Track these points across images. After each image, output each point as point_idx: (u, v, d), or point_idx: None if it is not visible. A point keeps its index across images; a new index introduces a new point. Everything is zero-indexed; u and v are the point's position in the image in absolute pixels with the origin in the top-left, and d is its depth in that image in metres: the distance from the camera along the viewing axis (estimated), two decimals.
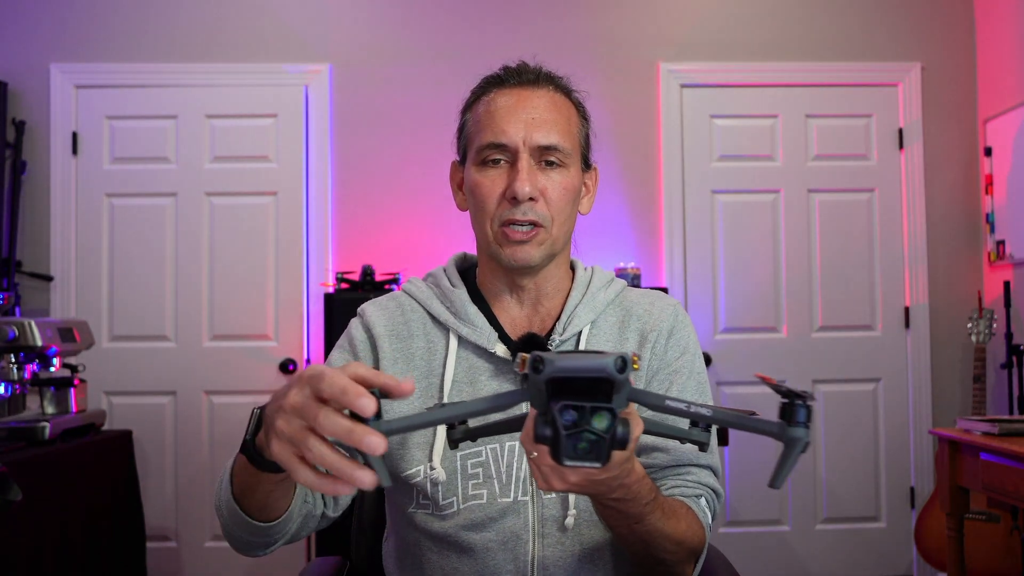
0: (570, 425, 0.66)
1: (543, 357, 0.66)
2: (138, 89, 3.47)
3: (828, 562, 3.50)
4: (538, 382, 0.67)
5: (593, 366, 0.65)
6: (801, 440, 0.68)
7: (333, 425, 0.67)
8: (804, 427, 0.68)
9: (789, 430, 0.68)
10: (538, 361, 0.66)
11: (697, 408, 0.71)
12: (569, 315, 1.16)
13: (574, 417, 0.66)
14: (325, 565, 1.38)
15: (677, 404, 0.72)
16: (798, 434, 0.68)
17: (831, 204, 3.58)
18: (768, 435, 0.69)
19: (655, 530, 0.96)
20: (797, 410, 0.68)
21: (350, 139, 3.50)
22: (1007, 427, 2.27)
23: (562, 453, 0.66)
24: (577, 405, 0.66)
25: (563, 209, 1.12)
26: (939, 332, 3.55)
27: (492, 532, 1.08)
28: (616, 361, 0.65)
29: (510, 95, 1.13)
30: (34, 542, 2.19)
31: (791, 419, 0.68)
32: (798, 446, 0.68)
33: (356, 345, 1.18)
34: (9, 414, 2.51)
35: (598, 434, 0.66)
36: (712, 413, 0.71)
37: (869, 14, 3.60)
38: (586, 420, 0.66)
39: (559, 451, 0.66)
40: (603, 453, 0.66)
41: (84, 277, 3.43)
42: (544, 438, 0.67)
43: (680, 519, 1.01)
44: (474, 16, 3.53)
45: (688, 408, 0.71)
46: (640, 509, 0.92)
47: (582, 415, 0.66)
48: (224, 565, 3.37)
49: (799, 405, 0.68)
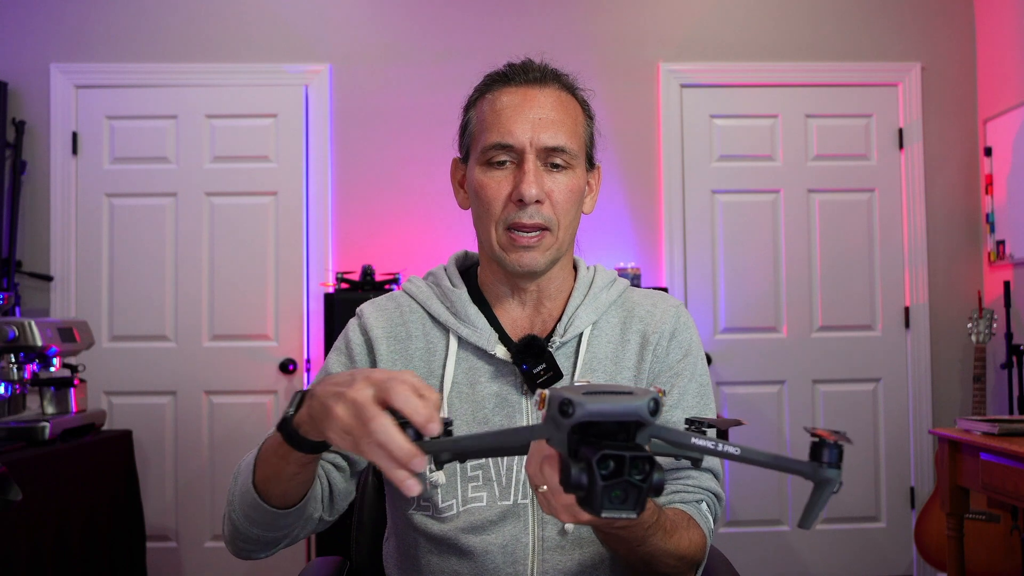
0: (608, 475, 0.62)
1: (572, 400, 0.62)
2: (138, 89, 3.47)
3: (828, 562, 3.50)
4: (564, 425, 0.64)
5: (627, 410, 0.63)
6: (833, 481, 0.67)
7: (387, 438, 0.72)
8: (836, 468, 0.67)
9: (820, 471, 0.67)
10: (567, 404, 0.63)
11: (726, 447, 0.68)
12: (570, 317, 1.15)
13: (612, 467, 0.63)
14: (325, 565, 1.38)
15: (705, 443, 0.69)
16: (830, 475, 0.66)
17: (831, 204, 3.58)
18: (799, 475, 0.67)
19: (657, 550, 0.95)
20: (828, 450, 0.66)
21: (350, 139, 3.49)
22: (1007, 427, 2.27)
23: (598, 504, 0.63)
24: (617, 455, 0.63)
25: (568, 211, 1.11)
26: (939, 332, 3.55)
27: (492, 535, 1.08)
28: (649, 403, 0.63)
29: (516, 94, 1.10)
30: (34, 542, 2.18)
31: (822, 459, 0.67)
32: (830, 487, 0.67)
33: (353, 349, 1.17)
34: (9, 414, 2.51)
35: (636, 484, 0.63)
36: (741, 452, 0.68)
37: (869, 14, 3.60)
38: (625, 470, 0.63)
39: (595, 502, 0.63)
40: (640, 502, 0.63)
41: (84, 277, 3.43)
42: (579, 487, 0.63)
43: (681, 534, 1.00)
44: (474, 16, 3.53)
45: (717, 447, 0.68)
46: (643, 533, 0.91)
47: (620, 464, 0.63)
48: (224, 565, 3.37)
49: (830, 445, 0.66)
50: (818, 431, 0.67)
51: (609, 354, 1.15)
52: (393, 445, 0.72)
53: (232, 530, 1.03)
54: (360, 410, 0.74)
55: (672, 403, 1.13)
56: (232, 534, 1.03)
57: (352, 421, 0.75)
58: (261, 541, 1.02)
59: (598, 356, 1.14)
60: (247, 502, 0.98)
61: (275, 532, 1.01)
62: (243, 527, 1.00)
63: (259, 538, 1.01)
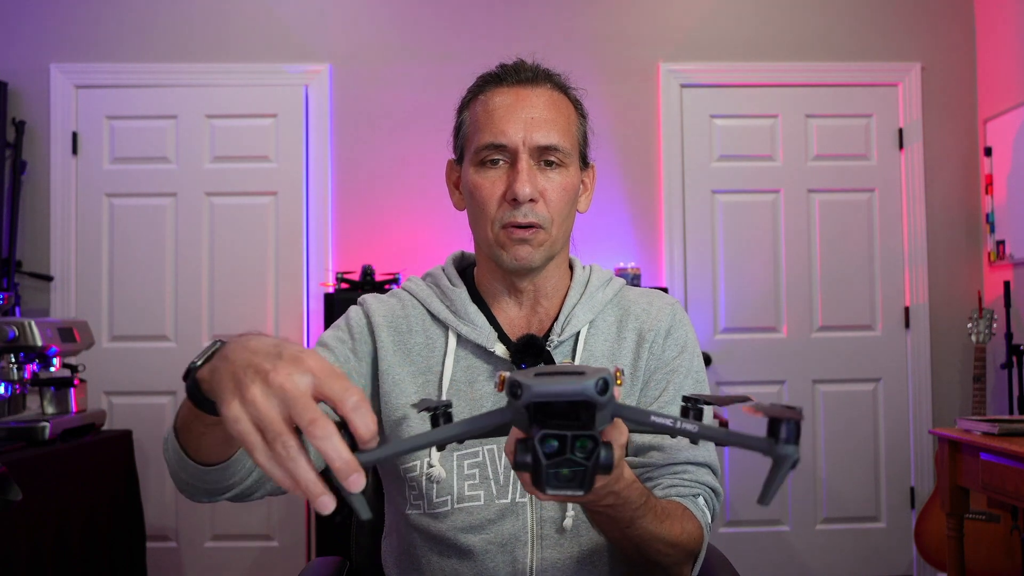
0: (552, 454, 0.64)
1: (520, 382, 0.63)
2: (138, 89, 3.47)
3: (828, 562, 3.50)
4: (518, 407, 0.64)
5: (573, 390, 0.63)
6: (790, 457, 0.66)
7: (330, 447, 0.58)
8: (793, 444, 0.67)
9: (778, 447, 0.66)
10: (515, 386, 0.63)
11: (683, 424, 0.69)
12: (567, 315, 1.16)
13: (555, 447, 0.64)
14: (325, 565, 1.38)
15: (663, 421, 0.69)
16: (787, 451, 0.66)
17: (831, 204, 3.58)
18: (757, 451, 0.67)
19: (648, 533, 0.95)
20: (785, 426, 0.67)
21: (350, 139, 3.50)
22: (1007, 427, 2.27)
23: (544, 482, 0.64)
24: (558, 434, 0.64)
25: (562, 210, 1.11)
26: (939, 332, 3.55)
27: (490, 534, 1.08)
28: (597, 383, 0.63)
29: (508, 94, 1.11)
30: (34, 542, 2.18)
31: (779, 436, 0.67)
32: (787, 463, 0.66)
33: (354, 329, 1.17)
34: (9, 414, 2.51)
35: (580, 462, 0.64)
36: (698, 429, 0.69)
37: (869, 14, 3.60)
38: (568, 448, 0.64)
39: (540, 480, 0.64)
40: (586, 480, 0.65)
41: (84, 277, 3.43)
42: (524, 466, 0.64)
43: (675, 521, 1.00)
44: (474, 16, 3.53)
45: (674, 424, 0.69)
46: (631, 513, 0.91)
47: (563, 443, 0.64)
48: (224, 565, 3.38)
49: (786, 421, 0.67)
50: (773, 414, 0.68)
51: (606, 352, 1.16)
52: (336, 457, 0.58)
53: (170, 470, 0.96)
54: (292, 403, 0.60)
55: (668, 399, 1.14)
56: (170, 472, 0.97)
57: (271, 414, 0.60)
58: (196, 489, 0.95)
59: (595, 354, 1.15)
60: (170, 446, 0.92)
61: (204, 484, 0.94)
62: (173, 470, 0.95)
63: (192, 485, 0.95)
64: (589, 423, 0.65)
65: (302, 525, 3.39)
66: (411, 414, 1.11)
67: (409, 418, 1.11)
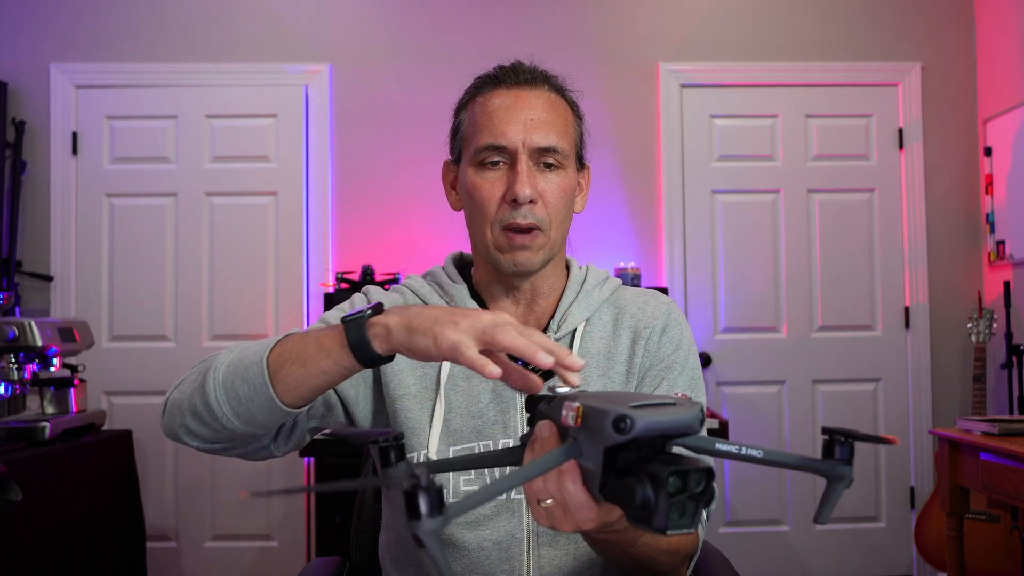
0: (675, 492, 0.61)
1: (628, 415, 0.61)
2: (138, 89, 3.47)
3: (828, 562, 3.50)
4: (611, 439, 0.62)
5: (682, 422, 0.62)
6: (846, 477, 0.69)
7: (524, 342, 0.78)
8: (848, 464, 0.70)
9: (835, 467, 0.70)
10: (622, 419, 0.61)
11: (749, 451, 0.69)
12: (563, 314, 1.16)
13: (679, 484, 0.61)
14: (325, 565, 1.38)
15: (728, 448, 0.69)
16: (843, 471, 0.70)
17: (831, 204, 3.58)
18: (814, 472, 0.70)
19: (648, 549, 0.95)
20: (840, 447, 0.70)
21: (350, 139, 3.50)
22: (1007, 427, 2.27)
23: (663, 523, 0.61)
24: (683, 470, 0.61)
25: (560, 211, 1.12)
26: (939, 332, 3.55)
27: (487, 531, 1.08)
28: (699, 414, 0.64)
29: (507, 95, 1.12)
30: (34, 542, 2.19)
31: (835, 456, 0.70)
32: (843, 483, 0.69)
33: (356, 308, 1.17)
34: (9, 414, 2.51)
35: (695, 497, 0.62)
36: (764, 455, 0.70)
37: (869, 14, 3.60)
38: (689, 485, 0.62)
39: (660, 520, 0.61)
40: (697, 515, 0.63)
41: (84, 277, 3.43)
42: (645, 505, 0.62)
43: None
44: (474, 16, 3.53)
45: (740, 451, 0.69)
46: (633, 535, 0.91)
47: (685, 480, 0.62)
48: (224, 565, 3.38)
49: (841, 441, 0.70)
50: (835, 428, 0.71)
51: (602, 349, 1.16)
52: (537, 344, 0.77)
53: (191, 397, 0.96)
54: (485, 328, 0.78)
55: None
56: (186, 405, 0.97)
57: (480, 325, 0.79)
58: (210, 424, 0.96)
59: (591, 352, 1.16)
60: (245, 376, 0.92)
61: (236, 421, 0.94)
62: (215, 397, 0.94)
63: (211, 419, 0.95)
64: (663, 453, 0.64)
65: (302, 525, 3.39)
66: (407, 402, 1.12)
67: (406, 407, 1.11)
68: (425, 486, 0.58)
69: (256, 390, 0.92)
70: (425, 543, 0.59)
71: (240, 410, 0.94)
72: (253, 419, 0.95)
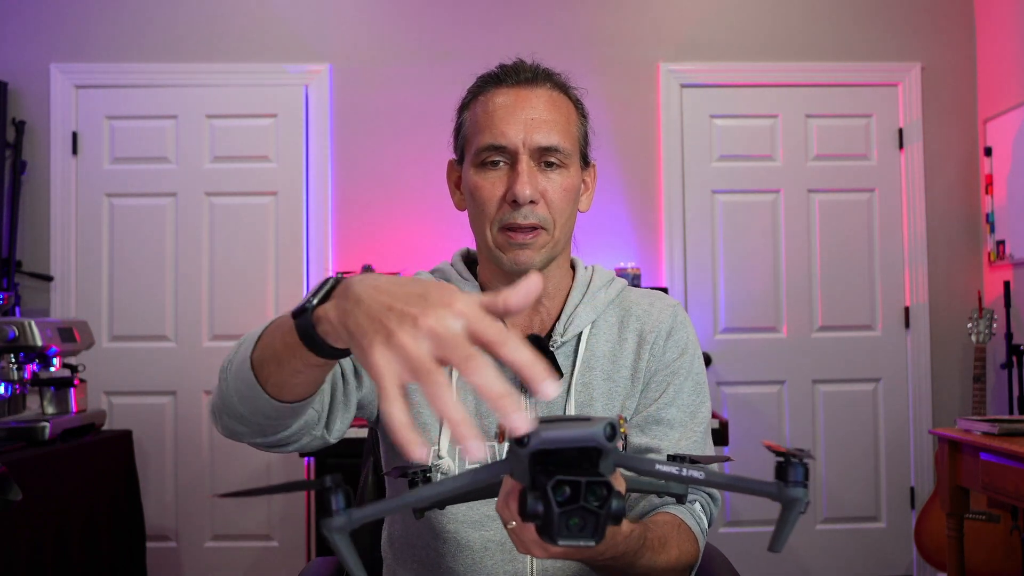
0: (564, 502, 0.61)
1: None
2: (138, 89, 3.47)
3: (828, 562, 3.50)
4: (522, 455, 0.62)
5: (582, 436, 0.61)
6: (800, 500, 0.65)
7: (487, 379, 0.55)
8: (802, 487, 0.65)
9: (787, 490, 0.65)
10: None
11: (690, 472, 0.67)
12: (569, 316, 1.16)
13: (568, 494, 0.61)
14: (325, 565, 1.38)
15: (668, 469, 0.67)
16: (796, 494, 0.65)
17: (831, 204, 3.58)
18: (765, 496, 0.66)
19: (649, 568, 0.95)
20: (794, 469, 0.65)
21: (350, 139, 3.49)
22: (1007, 427, 2.27)
23: (555, 532, 0.61)
24: (572, 480, 0.61)
25: (564, 210, 1.11)
26: (939, 332, 3.55)
27: (491, 531, 1.08)
28: (605, 429, 0.61)
29: (508, 94, 1.11)
30: (34, 542, 2.18)
31: (788, 478, 0.65)
32: (797, 507, 0.65)
33: None
34: (9, 414, 2.51)
35: (593, 510, 0.61)
36: (705, 476, 0.67)
37: (869, 14, 3.60)
38: (581, 496, 0.61)
39: (552, 530, 0.61)
40: (599, 529, 0.62)
41: (84, 277, 3.43)
42: (535, 515, 0.61)
43: (671, 547, 0.99)
44: (474, 16, 3.53)
45: (680, 472, 0.67)
46: (631, 560, 0.91)
47: (576, 490, 0.61)
48: (224, 565, 3.38)
49: (795, 463, 0.65)
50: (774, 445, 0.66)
51: (607, 352, 1.15)
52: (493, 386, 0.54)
53: (221, 401, 0.93)
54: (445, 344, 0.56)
55: (667, 401, 1.14)
56: (220, 405, 0.93)
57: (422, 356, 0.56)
58: (249, 423, 0.92)
59: (596, 355, 1.15)
60: (241, 376, 0.87)
61: (263, 420, 0.90)
62: (233, 399, 0.90)
63: (246, 418, 0.91)
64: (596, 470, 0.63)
65: (302, 525, 3.39)
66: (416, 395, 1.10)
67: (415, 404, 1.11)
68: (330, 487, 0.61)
69: (254, 390, 0.86)
70: (332, 540, 0.62)
71: (255, 408, 0.88)
72: (269, 415, 0.89)
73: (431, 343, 0.57)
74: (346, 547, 0.62)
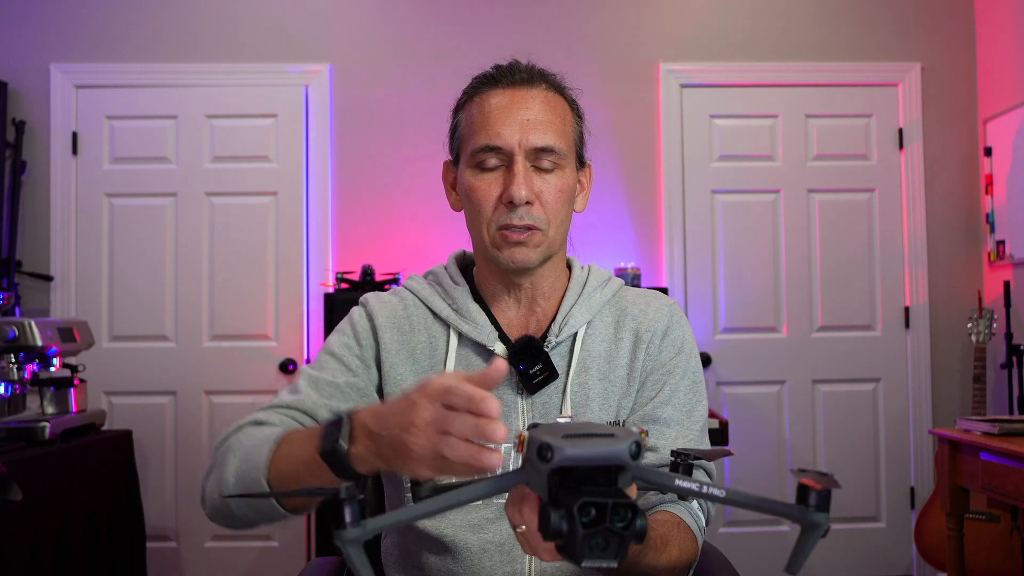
0: (589, 523, 0.61)
1: (550, 444, 0.61)
2: (138, 89, 3.47)
3: (828, 562, 3.50)
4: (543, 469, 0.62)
5: (607, 454, 0.61)
6: (821, 525, 0.65)
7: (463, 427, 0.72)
8: (823, 511, 0.65)
9: (808, 514, 0.65)
10: (545, 448, 0.61)
11: (711, 489, 0.66)
12: (565, 316, 1.16)
13: (593, 515, 0.61)
14: (325, 565, 1.38)
15: (688, 485, 0.67)
16: (818, 519, 0.65)
17: (831, 204, 3.58)
18: (787, 518, 0.66)
19: (649, 568, 0.95)
20: (816, 494, 0.65)
21: (350, 139, 3.50)
22: (1007, 427, 2.27)
23: (580, 553, 0.61)
24: (599, 503, 0.61)
25: (559, 211, 1.11)
26: (939, 332, 3.55)
27: (489, 534, 1.08)
28: (631, 447, 0.62)
29: (503, 95, 1.11)
30: (34, 542, 2.18)
31: (809, 502, 0.65)
32: (818, 531, 0.65)
33: (358, 331, 1.17)
34: (9, 414, 2.51)
35: (618, 532, 0.61)
36: (725, 495, 0.67)
37: (869, 14, 3.60)
38: (607, 518, 0.61)
39: (576, 551, 0.61)
40: (621, 550, 0.62)
41: (84, 277, 3.43)
42: (558, 534, 0.61)
43: (672, 546, 1.00)
44: (474, 16, 3.53)
45: (700, 489, 0.67)
46: (634, 559, 0.91)
47: (602, 513, 0.61)
48: (224, 565, 3.38)
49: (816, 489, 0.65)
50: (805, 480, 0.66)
51: (603, 352, 1.16)
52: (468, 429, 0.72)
53: (220, 507, 1.01)
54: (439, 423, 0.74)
55: (664, 400, 1.14)
56: (220, 510, 1.02)
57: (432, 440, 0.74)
58: (251, 524, 1.02)
59: (592, 355, 1.15)
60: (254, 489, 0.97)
61: (267, 521, 1.01)
62: (238, 511, 0.99)
63: (249, 520, 1.01)
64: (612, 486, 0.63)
65: (302, 525, 3.39)
66: None
67: None
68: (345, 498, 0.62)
69: (270, 508, 0.98)
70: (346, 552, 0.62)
71: (266, 517, 1.00)
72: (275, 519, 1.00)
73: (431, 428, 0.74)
74: (359, 559, 0.63)
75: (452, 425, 0.72)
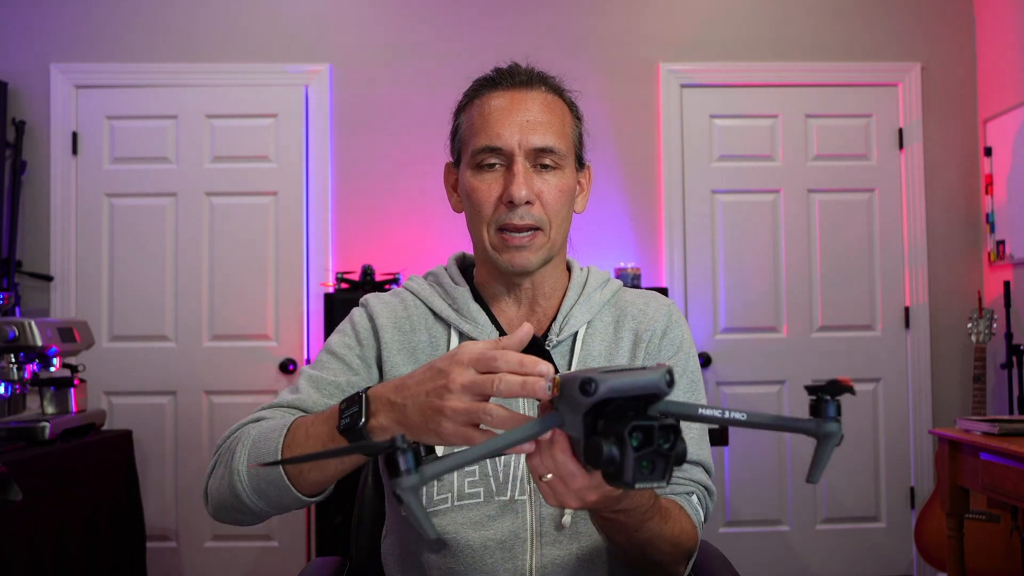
0: (638, 447, 0.65)
1: (593, 379, 0.64)
2: (138, 89, 3.47)
3: (828, 562, 3.50)
4: (582, 404, 0.65)
5: (647, 383, 0.65)
6: (835, 434, 0.70)
7: (510, 385, 0.74)
8: (836, 421, 0.70)
9: (823, 425, 0.70)
10: (588, 382, 0.64)
11: (732, 414, 0.71)
12: (565, 316, 1.17)
13: (643, 439, 0.65)
14: (325, 565, 1.38)
15: (712, 412, 0.71)
16: (831, 429, 0.70)
17: (831, 204, 3.58)
18: (803, 432, 0.71)
19: (654, 535, 0.96)
20: (828, 405, 0.70)
21: (350, 139, 3.50)
22: (1007, 427, 2.27)
23: (632, 477, 0.65)
24: (647, 425, 0.65)
25: (559, 211, 1.13)
26: (939, 332, 3.55)
27: (490, 531, 1.09)
28: (665, 376, 0.65)
29: (503, 97, 1.12)
30: (34, 542, 2.19)
31: (823, 414, 0.70)
32: (832, 440, 0.70)
33: (360, 334, 1.18)
34: (9, 414, 2.51)
35: (664, 453, 0.66)
36: (747, 417, 0.71)
37: (869, 14, 3.60)
38: (654, 440, 0.65)
39: (627, 475, 0.65)
40: (668, 471, 0.66)
41: (84, 277, 3.43)
42: (611, 461, 0.65)
43: (675, 520, 1.01)
44: (474, 16, 3.53)
45: (723, 415, 0.71)
46: (641, 517, 0.92)
47: (649, 435, 0.65)
48: (224, 565, 3.38)
49: (828, 401, 0.70)
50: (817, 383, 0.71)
51: (603, 352, 1.17)
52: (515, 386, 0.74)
53: (228, 498, 1.01)
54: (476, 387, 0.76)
55: None
56: (226, 501, 1.01)
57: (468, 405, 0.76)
58: (260, 515, 1.02)
59: (592, 354, 1.16)
60: (269, 482, 0.97)
61: (279, 511, 1.01)
62: (249, 500, 0.99)
63: (259, 512, 1.01)
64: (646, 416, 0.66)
65: (302, 525, 3.39)
66: None
67: None
68: (402, 447, 0.64)
69: (282, 492, 0.97)
70: (404, 499, 0.65)
71: (276, 505, 1.00)
72: (290, 507, 1.00)
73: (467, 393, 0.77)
74: (418, 506, 0.65)
75: (495, 386, 0.74)
